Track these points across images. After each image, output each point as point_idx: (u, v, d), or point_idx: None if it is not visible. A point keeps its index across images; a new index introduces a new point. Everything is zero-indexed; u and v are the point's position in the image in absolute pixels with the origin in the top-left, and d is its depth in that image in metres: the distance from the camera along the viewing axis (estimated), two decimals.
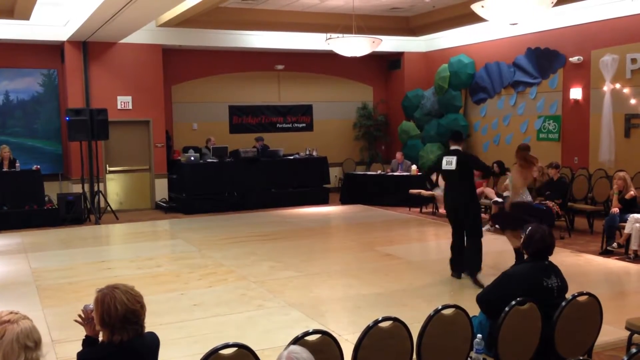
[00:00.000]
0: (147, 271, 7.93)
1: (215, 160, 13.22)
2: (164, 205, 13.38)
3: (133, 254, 9.09)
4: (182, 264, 8.26)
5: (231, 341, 2.95)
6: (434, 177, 7.76)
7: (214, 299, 6.58)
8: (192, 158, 13.05)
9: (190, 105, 14.83)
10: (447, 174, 7.22)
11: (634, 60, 10.86)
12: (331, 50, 12.09)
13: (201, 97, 14.88)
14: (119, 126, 13.11)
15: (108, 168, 13.37)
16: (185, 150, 13.83)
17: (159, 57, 13.57)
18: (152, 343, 2.90)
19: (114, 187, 13.51)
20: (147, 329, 2.88)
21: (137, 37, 12.89)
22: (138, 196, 13.72)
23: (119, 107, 13.19)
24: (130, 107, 13.33)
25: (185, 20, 12.15)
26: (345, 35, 11.75)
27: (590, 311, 3.84)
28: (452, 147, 7.25)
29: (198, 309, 6.21)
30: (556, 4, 8.14)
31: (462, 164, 7.07)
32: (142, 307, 2.80)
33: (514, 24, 9.31)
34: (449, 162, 7.11)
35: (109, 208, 12.44)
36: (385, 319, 3.30)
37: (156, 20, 12.60)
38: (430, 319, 3.45)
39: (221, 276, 7.57)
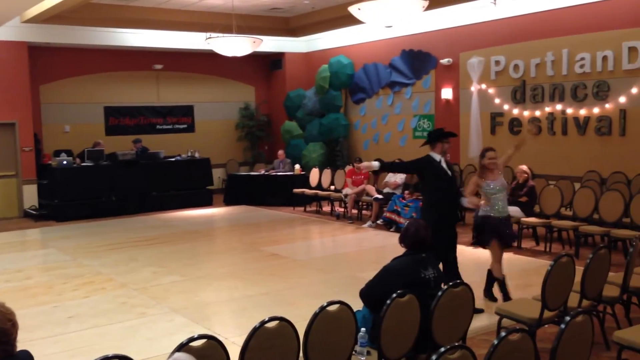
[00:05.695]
0: (16, 284, 7.39)
1: (90, 164, 12.58)
2: (34, 212, 12.56)
3: None
4: (55, 275, 7.79)
5: (111, 353, 2.81)
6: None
7: (91, 309, 6.26)
8: (65, 162, 12.34)
9: (61, 106, 13.99)
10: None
11: (497, 62, 11.64)
12: (212, 50, 11.92)
13: (73, 97, 14.10)
14: None
15: None
16: (57, 153, 13.03)
17: (24, 54, 12.68)
18: None
19: None
20: (18, 347, 2.69)
21: (0, 34, 11.97)
22: (4, 204, 12.72)
23: None
24: None
25: (53, 16, 11.50)
26: (225, 34, 11.63)
27: (464, 299, 4.06)
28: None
29: (74, 321, 5.88)
30: (427, 8, 8.57)
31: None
32: (14, 325, 2.61)
33: (388, 27, 9.68)
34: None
35: None
36: (271, 319, 3.30)
37: (21, 16, 11.80)
38: (315, 316, 3.49)
39: (99, 285, 7.21)
